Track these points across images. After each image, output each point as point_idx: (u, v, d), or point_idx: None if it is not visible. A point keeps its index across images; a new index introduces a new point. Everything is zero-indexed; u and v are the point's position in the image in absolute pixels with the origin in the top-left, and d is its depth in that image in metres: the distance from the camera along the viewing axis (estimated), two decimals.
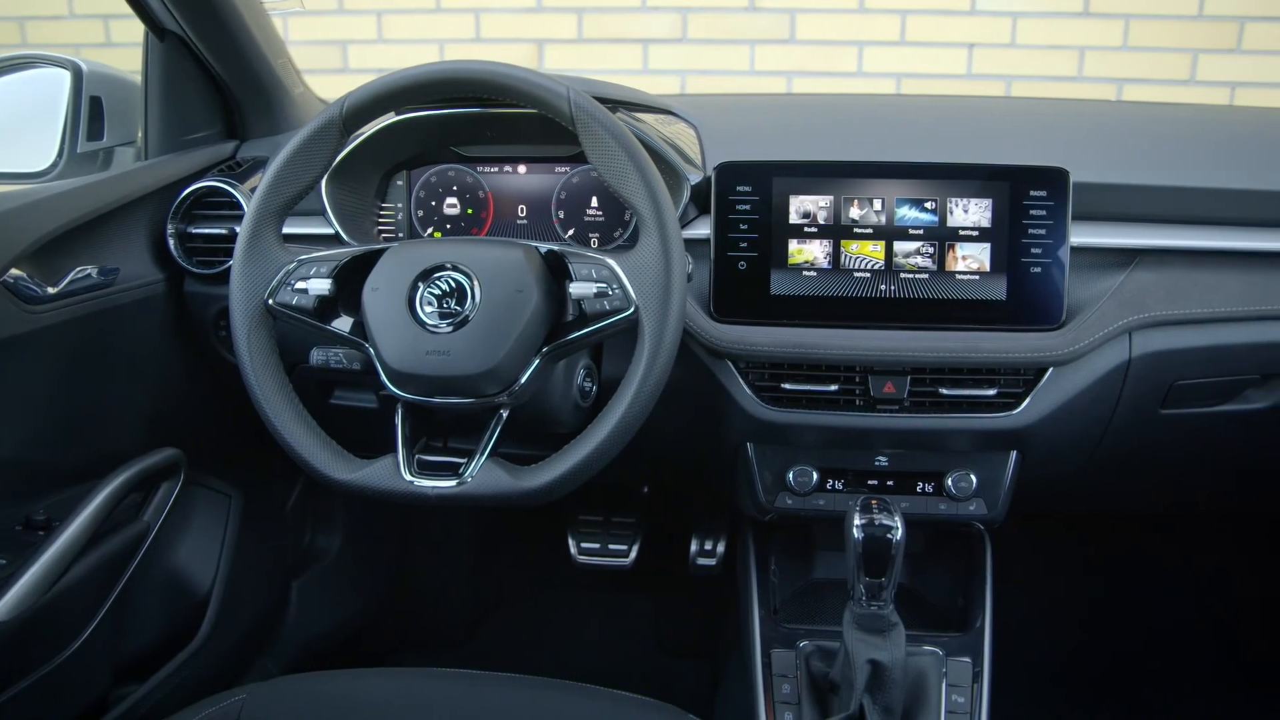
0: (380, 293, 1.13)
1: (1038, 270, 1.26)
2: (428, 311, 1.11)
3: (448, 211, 1.47)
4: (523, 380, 1.11)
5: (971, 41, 3.05)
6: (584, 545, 1.87)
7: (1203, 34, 3.00)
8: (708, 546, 1.79)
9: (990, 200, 1.26)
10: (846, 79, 3.07)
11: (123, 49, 3.15)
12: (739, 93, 2.98)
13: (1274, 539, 1.99)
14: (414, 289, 1.12)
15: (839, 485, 1.36)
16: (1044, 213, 1.26)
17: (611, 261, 1.10)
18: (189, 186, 1.44)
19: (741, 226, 1.28)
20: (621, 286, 1.08)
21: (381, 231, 1.47)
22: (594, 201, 1.43)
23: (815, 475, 1.35)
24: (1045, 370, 1.27)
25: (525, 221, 1.45)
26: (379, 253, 1.16)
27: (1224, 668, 2.02)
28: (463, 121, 1.39)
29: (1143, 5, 2.99)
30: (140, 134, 1.50)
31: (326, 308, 1.16)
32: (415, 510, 2.00)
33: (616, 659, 2.05)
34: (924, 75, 3.06)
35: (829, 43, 3.07)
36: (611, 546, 1.86)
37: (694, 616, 2.08)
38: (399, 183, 1.47)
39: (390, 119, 1.37)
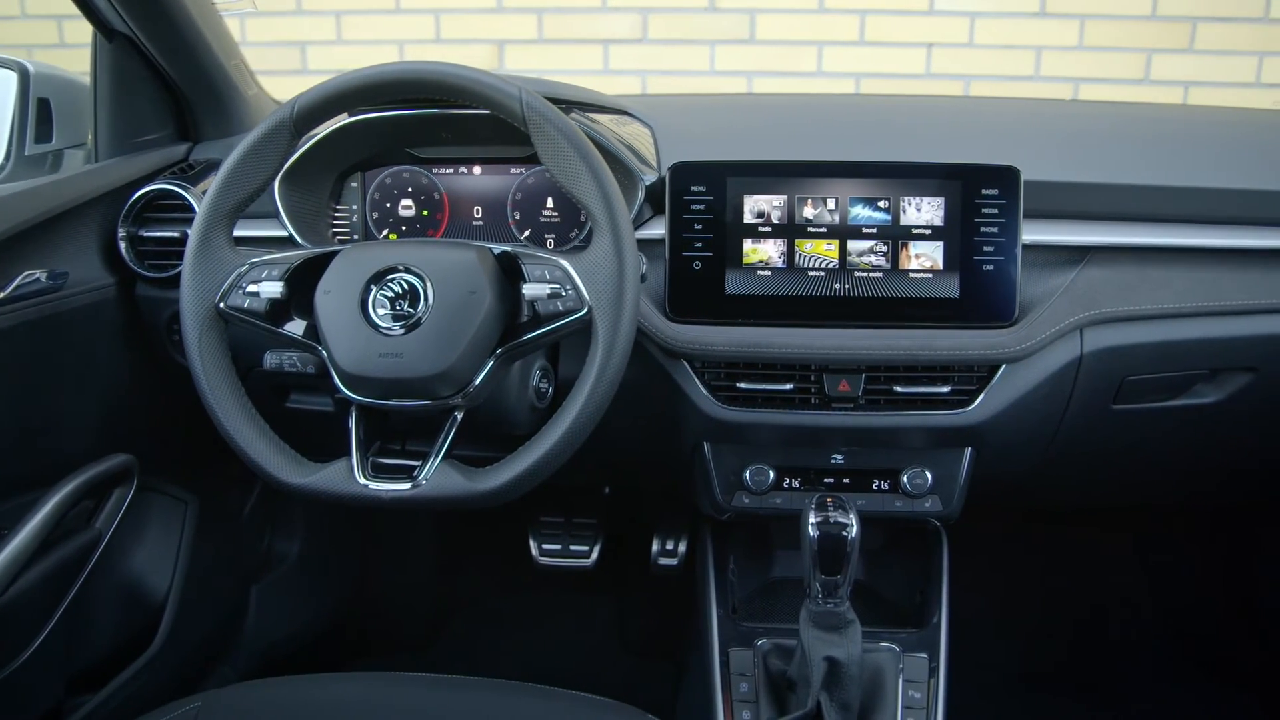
0: (332, 295, 1.12)
1: (990, 268, 1.27)
2: (380, 314, 1.10)
3: (403, 213, 1.46)
4: (477, 382, 1.10)
5: (930, 41, 3.07)
6: (545, 547, 1.87)
7: (1156, 34, 3.04)
8: (669, 546, 1.79)
9: (943, 199, 1.27)
10: (806, 79, 3.09)
11: (77, 50, 3.11)
12: (698, 93, 2.99)
13: (1225, 531, 2.01)
14: (366, 291, 1.11)
15: (795, 484, 1.37)
16: (996, 211, 1.27)
17: (565, 262, 1.10)
18: (140, 189, 1.42)
19: (696, 226, 1.28)
20: (575, 287, 1.08)
21: (336, 234, 1.46)
22: (549, 202, 1.43)
23: (772, 474, 1.35)
24: (998, 367, 1.28)
25: (481, 223, 1.45)
26: (331, 255, 1.16)
27: (1177, 659, 2.05)
28: (417, 123, 1.38)
29: (1097, 5, 3.03)
30: (90, 136, 1.48)
31: (279, 311, 1.16)
32: (373, 513, 2.00)
33: (579, 660, 2.05)
34: (883, 75, 3.08)
35: (789, 43, 3.08)
36: (573, 548, 1.86)
37: (656, 616, 2.08)
38: (353, 185, 1.46)
39: (343, 120, 1.37)
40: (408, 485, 1.09)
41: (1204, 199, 1.34)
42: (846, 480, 1.37)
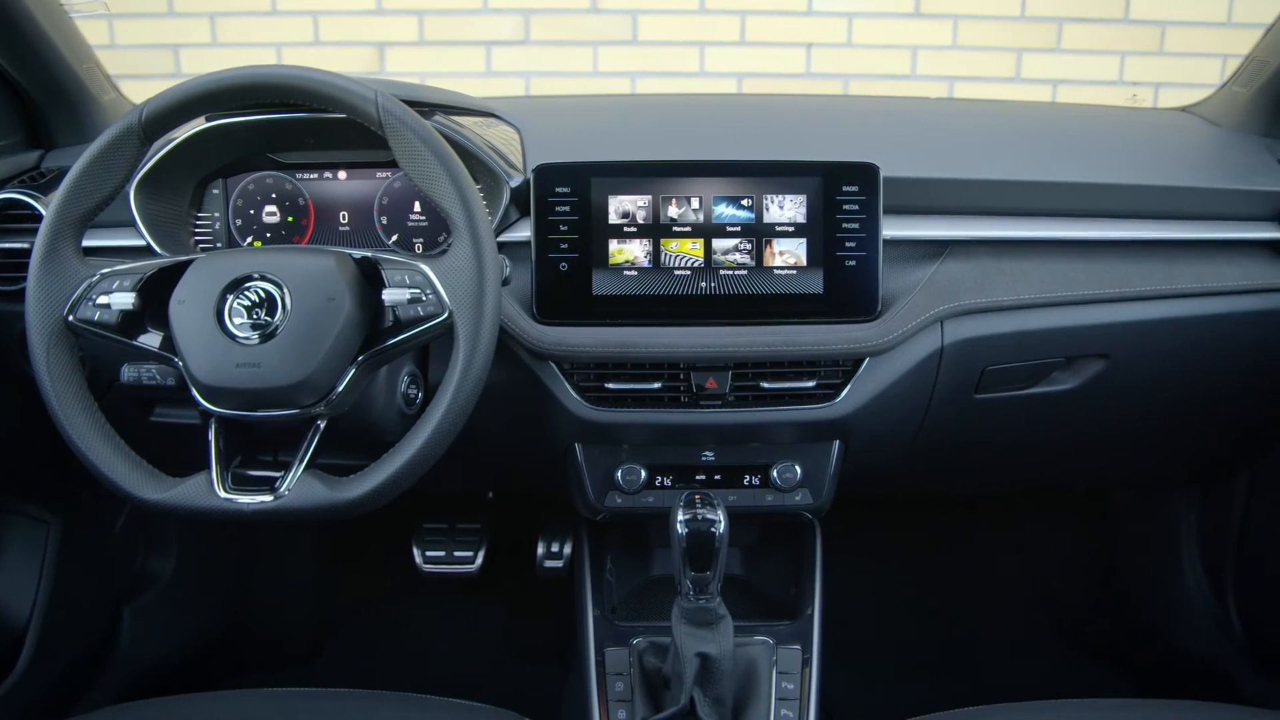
0: (187, 305, 1.09)
1: (852, 264, 1.29)
2: (237, 323, 1.08)
3: (267, 220, 1.43)
4: (339, 390, 1.08)
5: (809, 41, 3.13)
6: (429, 554, 1.84)
7: (1025, 34, 3.14)
8: (554, 549, 1.79)
9: (804, 196, 1.29)
10: (690, 79, 3.12)
11: None
12: (579, 94, 2.99)
13: (1088, 514, 2.09)
14: (222, 300, 1.09)
15: (667, 482, 1.37)
16: (856, 207, 1.29)
17: (425, 267, 1.09)
18: None
19: (561, 228, 1.28)
20: (435, 291, 1.07)
21: (199, 242, 1.43)
22: (416, 207, 1.41)
23: (643, 473, 1.36)
24: (862, 360, 1.30)
25: (348, 228, 1.42)
26: (185, 264, 1.13)
27: (1050, 637, 2.12)
28: (278, 128, 1.35)
29: (969, 6, 3.12)
30: None
31: (132, 323, 1.12)
32: (240, 528, 1.95)
33: (467, 667, 2.04)
34: (764, 75, 3.13)
35: (671, 43, 3.11)
36: (457, 554, 1.84)
37: (543, 619, 2.08)
38: (215, 191, 1.43)
39: (201, 125, 1.33)
40: (270, 497, 1.07)
41: (1057, 193, 1.39)
42: (718, 477, 1.38)
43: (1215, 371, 1.46)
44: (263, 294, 1.09)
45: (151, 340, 1.13)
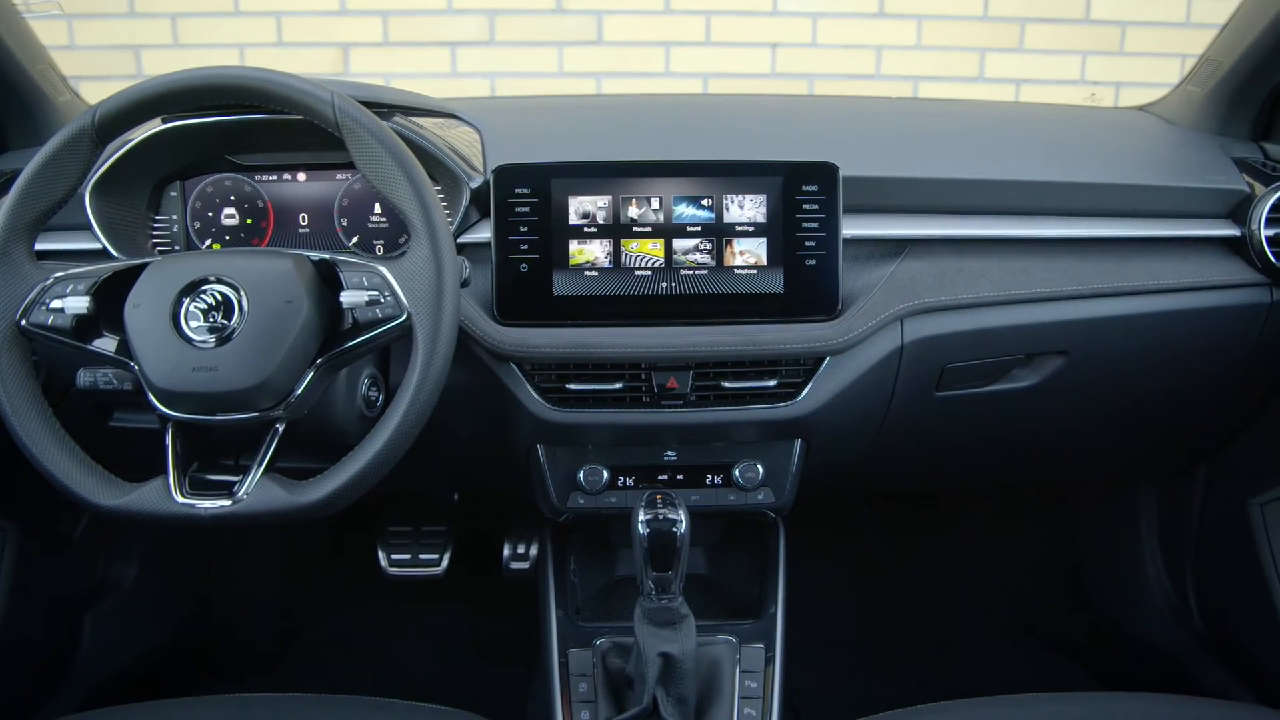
0: (142, 309, 1.08)
1: (813, 263, 1.30)
2: (194, 326, 1.07)
3: (226, 222, 1.41)
4: (298, 392, 1.08)
5: (774, 41, 3.14)
6: (394, 557, 1.84)
7: (988, 34, 3.17)
8: (520, 550, 1.79)
9: (764, 196, 1.29)
10: (655, 79, 3.12)
11: None
12: (545, 94, 2.99)
13: (1053, 509, 2.11)
14: (178, 304, 1.08)
15: (629, 482, 1.38)
16: (816, 207, 1.29)
17: (383, 269, 1.08)
18: None
19: (522, 229, 1.28)
20: (393, 293, 1.07)
21: (157, 245, 1.41)
22: (377, 208, 1.40)
23: (606, 474, 1.36)
24: (823, 359, 1.31)
25: (307, 230, 1.41)
26: (141, 267, 1.12)
27: (1014, 631, 2.13)
28: (236, 129, 1.34)
29: (933, 6, 3.14)
30: None
31: (86, 327, 1.11)
32: (200, 533, 1.93)
33: (432, 669, 2.03)
34: (730, 75, 3.14)
35: (636, 44, 3.11)
36: (422, 556, 1.84)
37: (510, 620, 2.07)
38: (173, 194, 1.41)
39: (158, 127, 1.32)
40: (228, 502, 1.06)
41: (1015, 191, 1.40)
42: (680, 476, 1.38)
43: (1172, 367, 1.48)
44: (219, 297, 1.08)
45: (107, 344, 1.12)
